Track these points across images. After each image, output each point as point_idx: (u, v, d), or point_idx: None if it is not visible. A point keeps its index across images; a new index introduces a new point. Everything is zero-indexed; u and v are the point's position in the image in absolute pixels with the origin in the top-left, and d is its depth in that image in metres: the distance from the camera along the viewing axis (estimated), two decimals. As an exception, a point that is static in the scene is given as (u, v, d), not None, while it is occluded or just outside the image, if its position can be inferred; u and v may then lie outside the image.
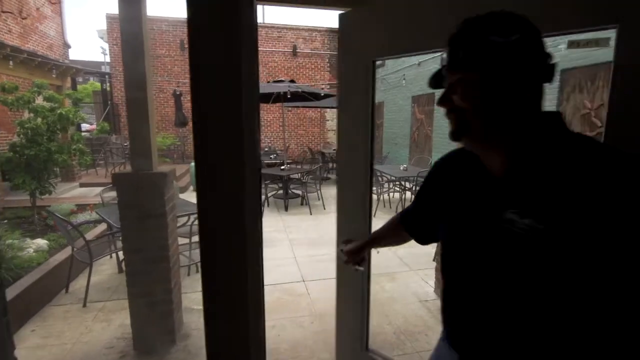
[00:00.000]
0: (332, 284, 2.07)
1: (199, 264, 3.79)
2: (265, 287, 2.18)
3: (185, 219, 3.85)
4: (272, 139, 13.52)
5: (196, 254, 3.46)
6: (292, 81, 7.04)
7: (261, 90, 6.94)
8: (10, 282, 3.01)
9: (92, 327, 2.87)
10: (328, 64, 13.64)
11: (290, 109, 12.95)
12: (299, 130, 13.73)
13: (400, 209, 3.22)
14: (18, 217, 5.28)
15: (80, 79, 15.76)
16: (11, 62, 6.02)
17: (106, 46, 12.02)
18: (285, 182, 6.56)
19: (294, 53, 13.22)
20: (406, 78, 9.45)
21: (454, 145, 0.94)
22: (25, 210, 5.48)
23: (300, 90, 6.55)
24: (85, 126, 13.82)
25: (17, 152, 4.61)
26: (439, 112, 7.98)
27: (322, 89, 12.05)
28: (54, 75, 7.00)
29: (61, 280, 3.43)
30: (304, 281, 3.65)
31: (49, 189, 5.00)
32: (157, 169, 2.55)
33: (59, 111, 4.70)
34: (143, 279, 2.51)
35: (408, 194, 6.51)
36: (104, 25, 11.95)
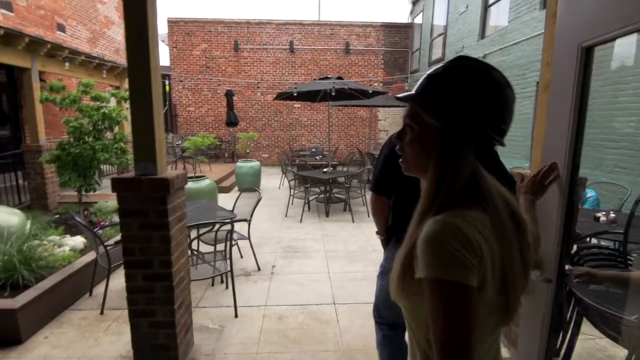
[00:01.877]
0: (365, 310, 1.58)
1: (224, 275, 3.50)
2: (290, 308, 1.71)
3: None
4: (321, 139, 13.18)
5: (221, 263, 3.16)
6: (339, 78, 6.58)
7: (306, 88, 6.58)
8: (32, 284, 2.93)
9: (102, 340, 2.67)
10: (382, 61, 12.96)
11: (340, 108, 12.51)
12: (349, 131, 13.23)
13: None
14: (67, 212, 5.47)
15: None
16: (67, 64, 6.33)
17: (166, 49, 12.59)
18: (327, 186, 6.12)
19: (347, 50, 12.74)
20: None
21: (520, 150, 1.86)
22: (73, 206, 5.69)
23: (346, 87, 6.07)
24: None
25: (64, 149, 4.73)
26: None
27: (374, 86, 11.43)
28: (104, 76, 7.28)
29: (87, 282, 3.34)
30: (334, 304, 3.17)
31: (93, 187, 5.09)
32: (164, 173, 2.25)
33: (102, 110, 4.73)
34: (144, 296, 2.22)
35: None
36: (165, 29, 12.51)
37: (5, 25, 6.48)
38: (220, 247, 3.22)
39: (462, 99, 0.70)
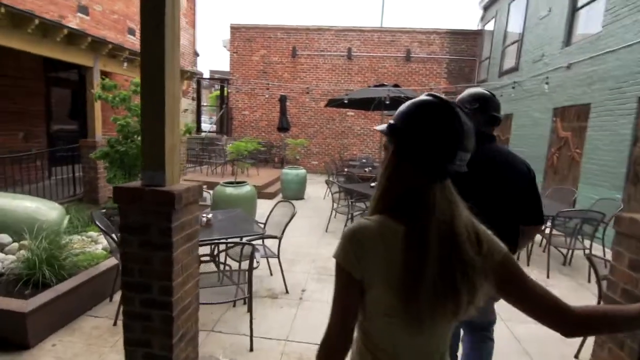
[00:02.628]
0: None
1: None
2: (313, 348, 1.39)
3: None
4: (373, 149, 12.61)
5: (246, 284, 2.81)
6: (395, 85, 6.06)
7: (360, 96, 6.14)
8: (53, 284, 2.82)
9: (106, 358, 2.44)
10: (446, 70, 12.09)
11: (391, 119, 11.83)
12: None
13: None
14: (114, 208, 5.57)
15: (215, 86, 17.61)
16: (125, 64, 6.55)
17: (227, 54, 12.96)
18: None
19: (407, 58, 12.09)
20: (549, 83, 7.43)
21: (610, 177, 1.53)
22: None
23: (402, 95, 5.52)
24: (206, 127, 15.18)
25: (113, 147, 4.78)
26: (596, 130, 5.91)
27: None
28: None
29: (110, 286, 3.19)
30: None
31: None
32: (175, 184, 1.95)
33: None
34: (141, 324, 1.93)
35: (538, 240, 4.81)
36: (228, 35, 12.89)
37: (81, 27, 6.94)
38: (246, 264, 2.88)
39: (413, 128, 0.82)
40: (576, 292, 3.91)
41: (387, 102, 5.44)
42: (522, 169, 1.78)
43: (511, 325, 3.16)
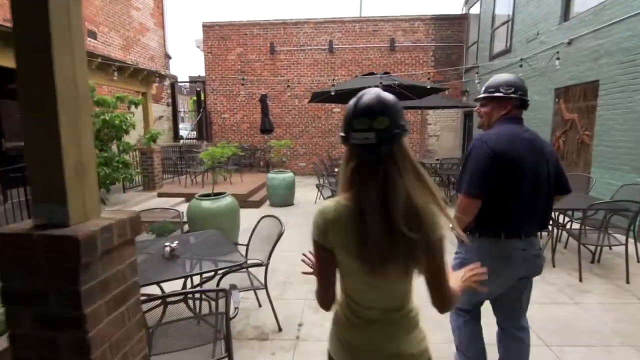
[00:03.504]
0: None
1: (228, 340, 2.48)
2: None
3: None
4: (363, 146, 12.00)
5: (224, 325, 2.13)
6: (386, 73, 5.43)
7: (348, 86, 5.49)
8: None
9: None
10: (432, 58, 11.56)
11: (384, 111, 11.25)
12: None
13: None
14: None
15: (200, 90, 16.68)
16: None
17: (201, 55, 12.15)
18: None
19: (392, 47, 11.52)
20: (547, 64, 6.93)
21: (628, 159, 3.05)
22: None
23: (395, 83, 4.90)
24: (186, 134, 14.33)
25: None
26: (607, 110, 5.40)
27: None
28: (114, 78, 6.62)
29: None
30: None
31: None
32: (87, 222, 1.26)
33: (102, 117, 3.97)
34: None
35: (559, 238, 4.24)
36: (200, 35, 12.10)
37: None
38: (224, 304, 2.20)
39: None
40: (618, 297, 3.34)
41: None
42: (550, 144, 1.94)
43: (558, 350, 2.56)
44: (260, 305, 3.20)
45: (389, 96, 1.01)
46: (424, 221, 0.96)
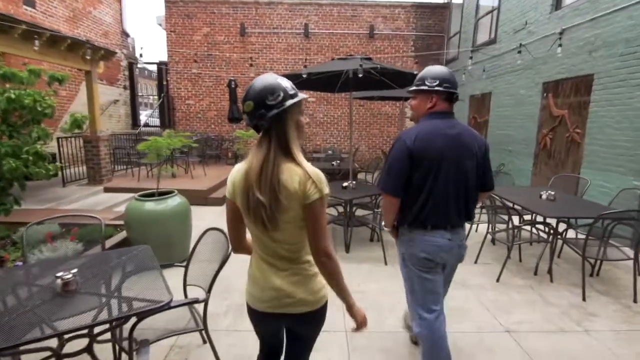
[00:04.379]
0: None
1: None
2: None
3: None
4: (338, 139, 11.38)
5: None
6: (367, 58, 4.76)
7: (322, 69, 4.78)
8: None
9: None
10: (413, 47, 11.02)
11: (361, 102, 10.66)
12: (371, 129, 11.37)
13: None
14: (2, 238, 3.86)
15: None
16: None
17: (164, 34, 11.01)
18: (348, 206, 4.33)
19: (371, 35, 10.87)
20: (533, 55, 6.50)
21: (624, 160, 3.27)
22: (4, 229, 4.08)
23: (378, 67, 4.25)
24: (152, 121, 13.12)
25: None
26: (602, 106, 5.00)
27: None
28: (35, 48, 5.48)
29: None
30: None
31: (7, 207, 3.46)
32: None
33: (6, 94, 3.07)
34: None
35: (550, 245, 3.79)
36: (163, 11, 10.94)
37: None
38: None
39: None
40: (629, 321, 2.89)
41: (360, 75, 4.14)
42: (481, 138, 1.91)
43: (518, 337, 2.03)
44: (205, 342, 2.49)
45: (258, 82, 1.21)
46: (283, 187, 1.19)
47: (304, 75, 4.29)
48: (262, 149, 1.21)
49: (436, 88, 1.82)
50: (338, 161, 7.00)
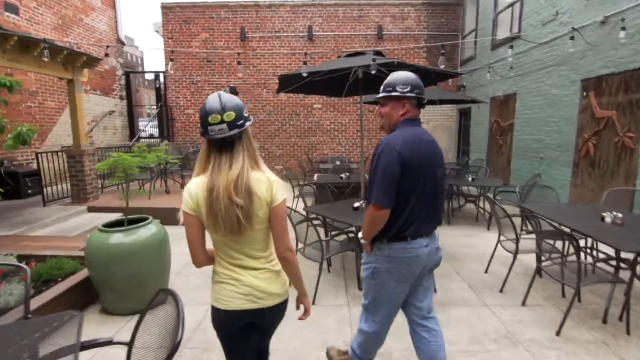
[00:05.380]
0: None
1: None
2: None
3: None
4: (346, 147, 10.65)
5: None
6: (378, 53, 4.04)
7: (327, 67, 4.06)
8: None
9: None
10: (425, 48, 10.29)
11: (370, 108, 9.94)
12: (381, 136, 10.56)
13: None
14: None
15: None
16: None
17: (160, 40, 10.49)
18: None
19: (380, 36, 10.18)
20: (567, 49, 5.72)
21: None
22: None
23: (395, 63, 3.52)
24: (152, 131, 12.56)
25: None
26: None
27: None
28: (45, 58, 4.97)
29: None
30: None
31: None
32: None
33: None
34: None
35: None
36: (160, 18, 10.44)
37: None
38: None
39: None
40: None
41: (373, 72, 3.42)
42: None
43: None
44: None
45: (228, 97, 1.34)
46: (254, 194, 1.31)
47: (304, 74, 3.58)
48: (237, 160, 1.32)
49: (408, 94, 1.79)
50: (347, 173, 6.25)
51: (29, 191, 6.69)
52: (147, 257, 3.06)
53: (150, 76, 16.00)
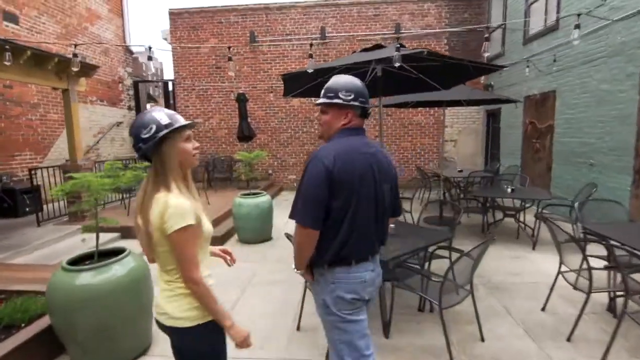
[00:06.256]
0: None
1: None
2: None
3: None
4: (364, 154, 9.97)
5: None
6: (401, 46, 3.37)
7: (338, 64, 3.42)
8: None
9: None
10: (447, 47, 9.55)
11: (389, 111, 9.28)
12: (402, 142, 9.88)
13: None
14: None
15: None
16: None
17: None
18: (391, 264, 2.89)
19: (397, 35, 9.50)
20: (621, 38, 4.89)
21: None
22: None
23: (424, 53, 2.86)
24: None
25: None
26: None
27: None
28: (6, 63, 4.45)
29: None
30: None
31: None
32: None
33: None
34: None
35: None
36: (168, 25, 10.11)
37: None
38: None
39: None
40: None
41: (397, 65, 2.79)
42: (389, 156, 1.77)
43: None
44: None
45: (136, 119, 1.32)
46: (151, 221, 1.28)
47: (310, 70, 2.96)
48: (145, 181, 1.35)
49: (352, 103, 1.61)
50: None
51: (27, 209, 6.30)
52: (119, 301, 2.47)
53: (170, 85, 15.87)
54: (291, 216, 1.59)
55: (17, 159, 6.69)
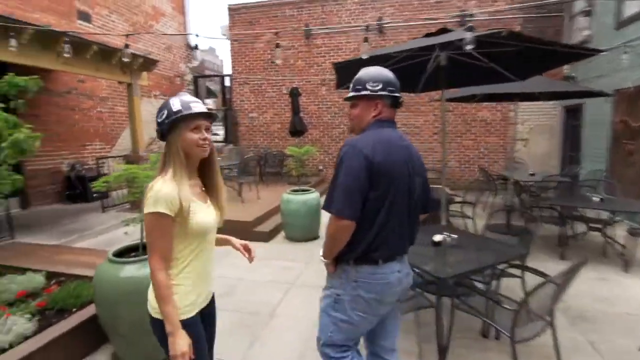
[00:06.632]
0: None
1: None
2: None
3: None
4: (422, 150, 9.37)
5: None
6: (470, 28, 2.93)
7: (395, 49, 3.07)
8: None
9: None
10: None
11: (450, 107, 8.60)
12: (464, 140, 9.12)
13: None
14: None
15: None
16: (13, 42, 3.89)
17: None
18: (448, 284, 2.51)
19: (462, 24, 8.75)
20: None
21: None
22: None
23: (502, 33, 2.43)
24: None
25: None
26: None
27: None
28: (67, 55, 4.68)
29: None
30: None
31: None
32: None
33: None
34: None
35: None
36: (227, 21, 10.34)
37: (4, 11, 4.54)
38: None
39: None
40: None
41: (469, 48, 2.42)
42: (418, 152, 1.73)
43: None
44: None
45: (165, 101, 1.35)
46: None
47: (365, 57, 2.67)
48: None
49: (380, 93, 1.59)
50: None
51: (95, 195, 6.79)
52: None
53: (227, 81, 16.41)
54: (326, 207, 1.52)
55: (88, 149, 7.22)
